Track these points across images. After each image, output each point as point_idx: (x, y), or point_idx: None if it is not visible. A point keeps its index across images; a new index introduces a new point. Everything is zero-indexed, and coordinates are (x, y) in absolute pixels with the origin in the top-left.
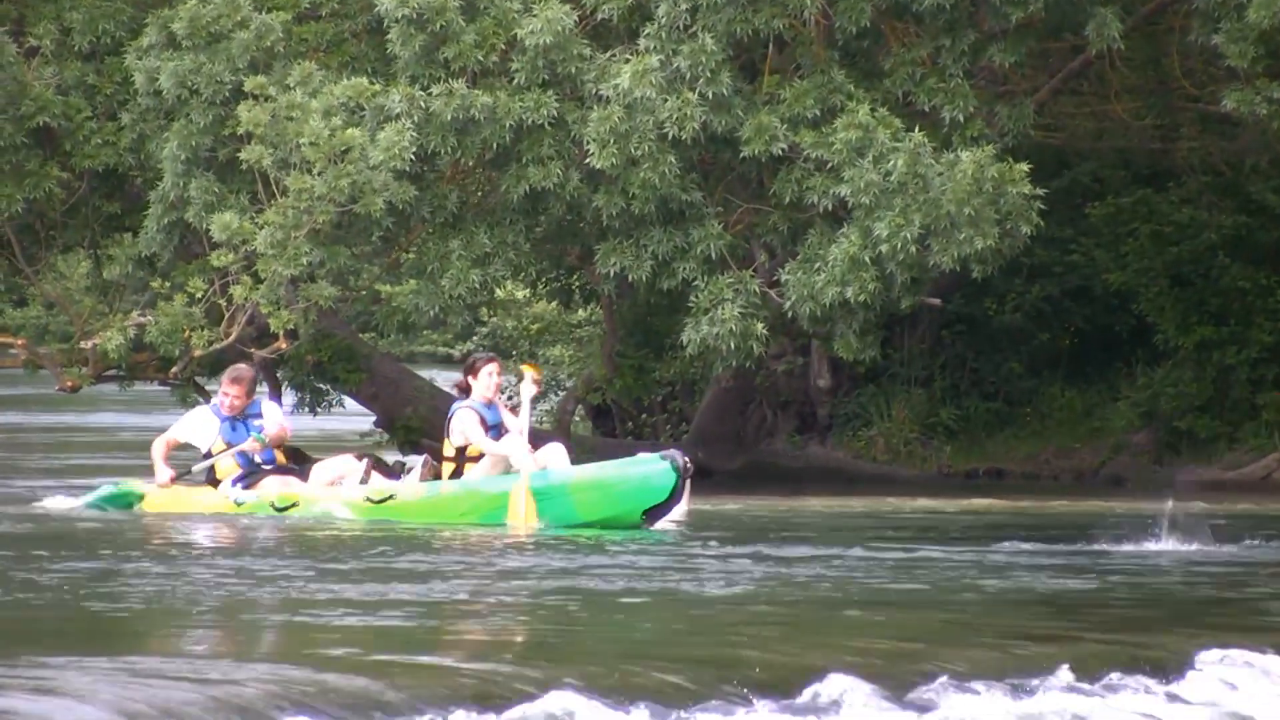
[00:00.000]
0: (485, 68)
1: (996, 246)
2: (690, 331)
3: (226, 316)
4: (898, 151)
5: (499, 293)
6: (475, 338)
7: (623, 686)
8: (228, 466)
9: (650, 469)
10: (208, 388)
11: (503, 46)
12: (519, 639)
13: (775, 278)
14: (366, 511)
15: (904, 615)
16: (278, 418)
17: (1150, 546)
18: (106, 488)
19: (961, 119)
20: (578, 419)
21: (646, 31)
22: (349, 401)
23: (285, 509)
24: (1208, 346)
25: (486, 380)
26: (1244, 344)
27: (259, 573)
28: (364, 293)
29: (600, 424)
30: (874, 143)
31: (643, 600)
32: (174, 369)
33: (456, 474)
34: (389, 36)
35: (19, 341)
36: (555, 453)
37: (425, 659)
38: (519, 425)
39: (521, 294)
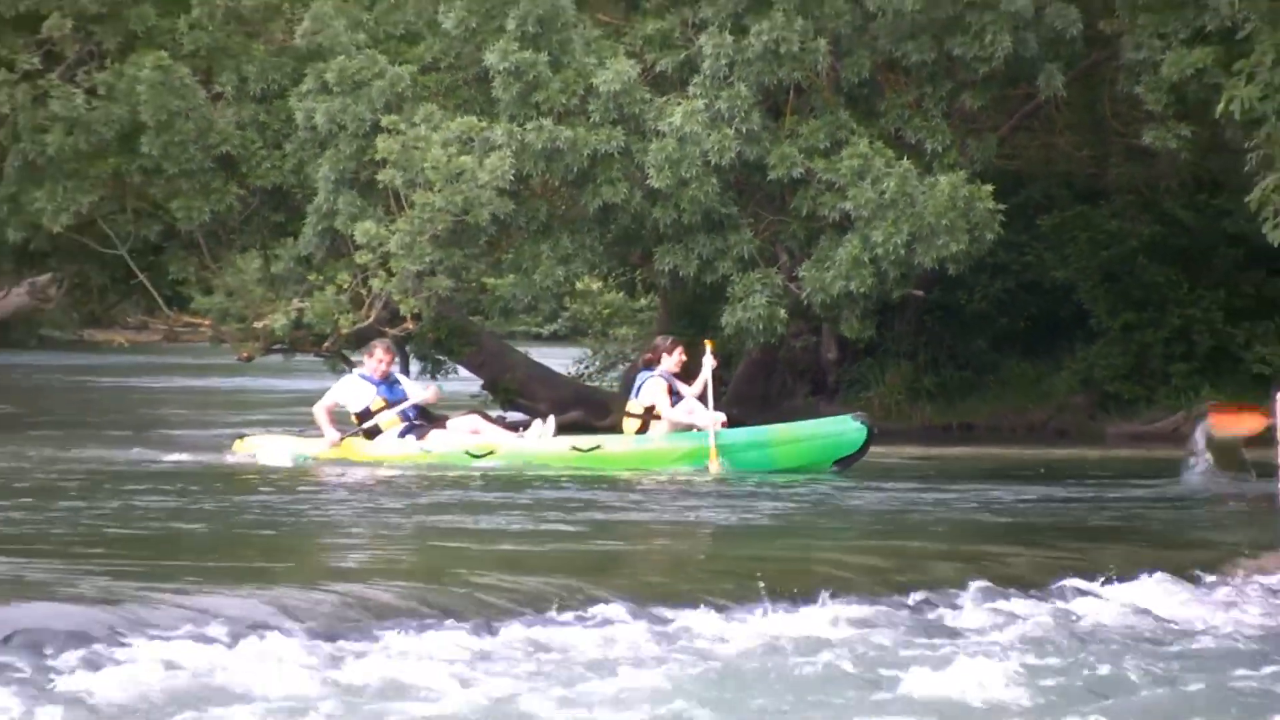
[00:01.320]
0: (568, 109)
1: (967, 250)
2: (728, 315)
3: (366, 303)
4: (890, 175)
5: (579, 285)
6: (560, 320)
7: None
8: (392, 421)
9: (846, 428)
10: (352, 358)
11: (581, 92)
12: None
13: (794, 274)
14: (573, 460)
15: (884, 539)
16: (418, 385)
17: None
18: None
19: (940, 150)
20: None
21: (694, 81)
22: (461, 369)
23: (481, 457)
24: (1131, 328)
25: (677, 358)
26: (1159, 326)
27: (422, 507)
28: (473, 284)
29: None
30: (872, 168)
31: (690, 528)
32: (325, 343)
33: (641, 430)
34: (493, 84)
35: (206, 321)
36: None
37: (526, 577)
38: (694, 391)
39: (596, 286)
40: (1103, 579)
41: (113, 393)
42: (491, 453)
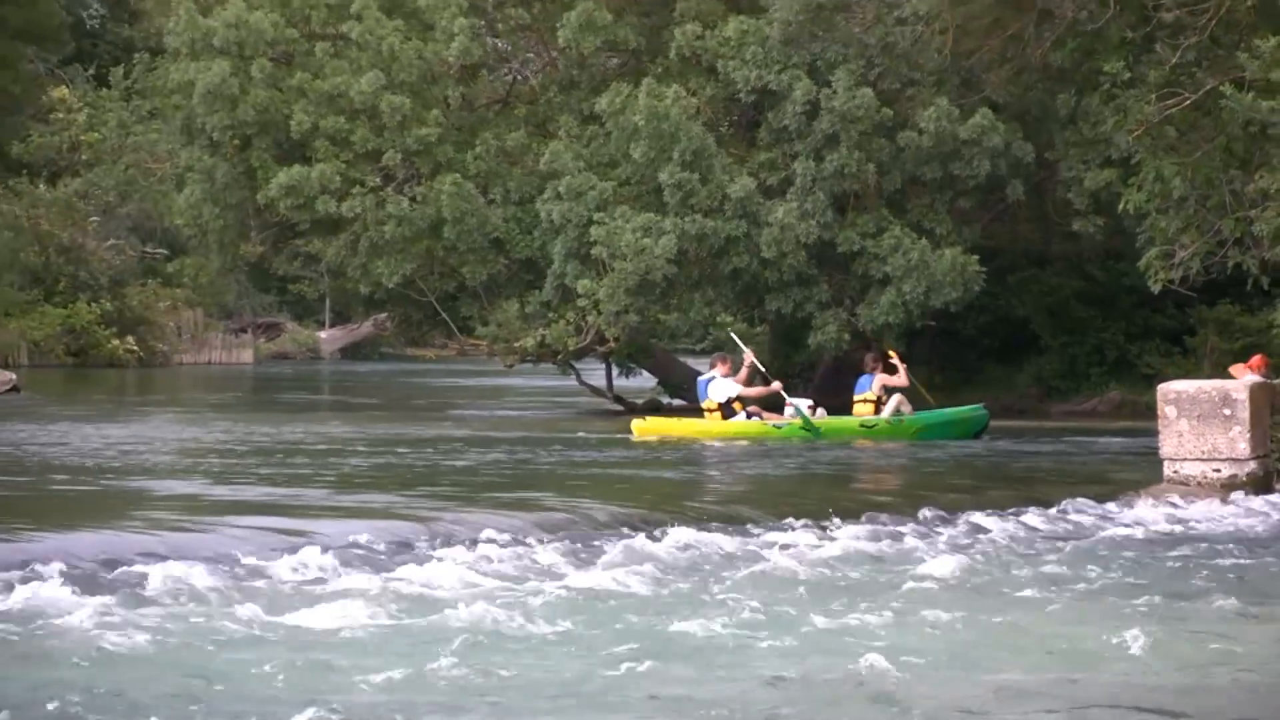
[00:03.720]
0: (710, 208)
1: (961, 296)
2: (811, 338)
3: (584, 331)
4: (914, 250)
5: (718, 319)
6: (705, 340)
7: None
8: (739, 406)
9: (981, 413)
10: (577, 366)
11: (720, 198)
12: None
13: (854, 312)
14: (864, 433)
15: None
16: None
17: None
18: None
19: (944, 233)
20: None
21: (790, 191)
22: (644, 373)
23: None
24: (1066, 345)
25: (882, 363)
26: (1083, 345)
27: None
28: (652, 319)
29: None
30: (902, 245)
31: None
32: (559, 356)
33: (875, 412)
34: (664, 193)
35: (484, 343)
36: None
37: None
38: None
39: (729, 319)
40: (1046, 503)
41: (428, 386)
42: (820, 428)
